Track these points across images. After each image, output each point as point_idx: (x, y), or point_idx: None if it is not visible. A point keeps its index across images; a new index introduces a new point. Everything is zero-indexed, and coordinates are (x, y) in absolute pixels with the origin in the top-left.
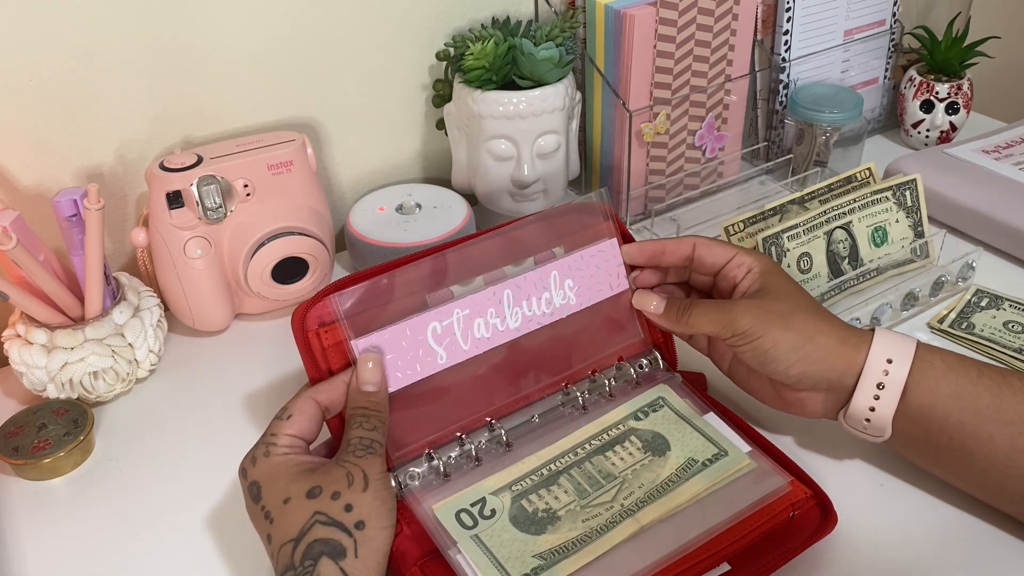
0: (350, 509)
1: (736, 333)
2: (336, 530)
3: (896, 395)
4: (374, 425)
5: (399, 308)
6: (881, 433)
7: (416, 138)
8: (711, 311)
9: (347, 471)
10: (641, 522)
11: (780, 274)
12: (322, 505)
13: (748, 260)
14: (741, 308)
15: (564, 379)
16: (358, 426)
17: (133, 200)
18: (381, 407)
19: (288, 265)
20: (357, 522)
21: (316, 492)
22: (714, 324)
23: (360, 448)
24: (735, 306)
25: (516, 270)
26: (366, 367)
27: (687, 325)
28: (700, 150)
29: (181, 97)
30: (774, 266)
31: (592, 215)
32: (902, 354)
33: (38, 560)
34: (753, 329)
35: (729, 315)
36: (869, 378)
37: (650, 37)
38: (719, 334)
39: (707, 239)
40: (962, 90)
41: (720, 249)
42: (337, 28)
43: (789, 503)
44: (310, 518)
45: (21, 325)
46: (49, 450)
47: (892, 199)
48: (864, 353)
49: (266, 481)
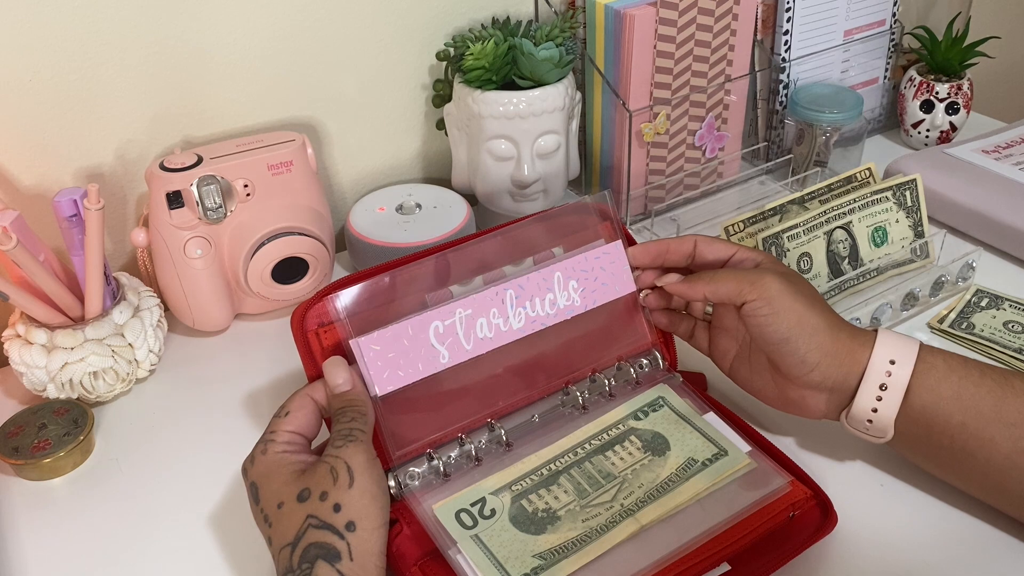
0: (339, 509)
1: (763, 295)
2: (328, 533)
3: (899, 396)
4: (352, 416)
5: (399, 308)
6: (883, 434)
7: (416, 138)
8: (736, 274)
9: (330, 466)
10: (641, 522)
11: (785, 268)
12: (312, 508)
13: (752, 255)
14: (771, 275)
15: (564, 379)
16: (337, 421)
17: (133, 200)
18: (357, 401)
19: (288, 265)
20: (347, 523)
21: (306, 495)
22: (740, 283)
23: (339, 439)
24: (764, 271)
25: (515, 270)
26: (330, 370)
27: (712, 284)
28: (700, 150)
29: (181, 97)
30: (777, 261)
31: (593, 216)
32: (905, 355)
33: (38, 560)
34: (782, 295)
35: (757, 276)
36: (872, 379)
37: (650, 37)
38: (744, 295)
39: (708, 237)
40: (962, 90)
41: (721, 246)
42: (337, 28)
43: (789, 503)
44: (303, 522)
45: (21, 325)
46: (49, 450)
47: (892, 199)
48: (867, 354)
49: (262, 482)
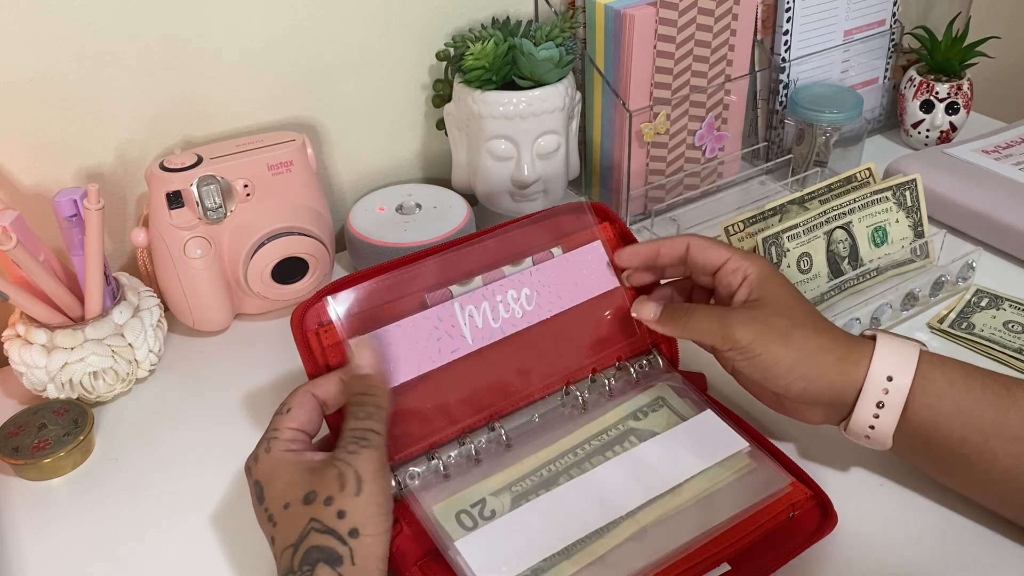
0: (343, 516)
1: (735, 347)
2: (331, 538)
3: (896, 413)
4: (369, 412)
5: (398, 308)
6: (882, 446)
7: (416, 138)
8: (710, 320)
9: (339, 471)
10: (641, 522)
11: (778, 280)
12: (316, 512)
13: (744, 265)
14: (739, 321)
15: (564, 379)
16: (353, 416)
17: (133, 200)
18: (378, 391)
19: (288, 265)
20: (351, 530)
21: (311, 497)
22: (712, 335)
23: (352, 442)
24: (733, 318)
25: (514, 270)
26: (358, 350)
27: (686, 330)
28: (700, 150)
29: (181, 97)
30: (771, 271)
31: (585, 215)
32: (903, 370)
33: (38, 560)
34: (752, 345)
35: (727, 328)
36: (869, 396)
37: (650, 37)
38: (718, 345)
39: (702, 239)
40: (962, 90)
41: (713, 252)
42: (337, 28)
43: (789, 503)
44: (306, 525)
45: (21, 325)
46: (49, 450)
47: (892, 199)
48: (864, 370)
49: (267, 481)
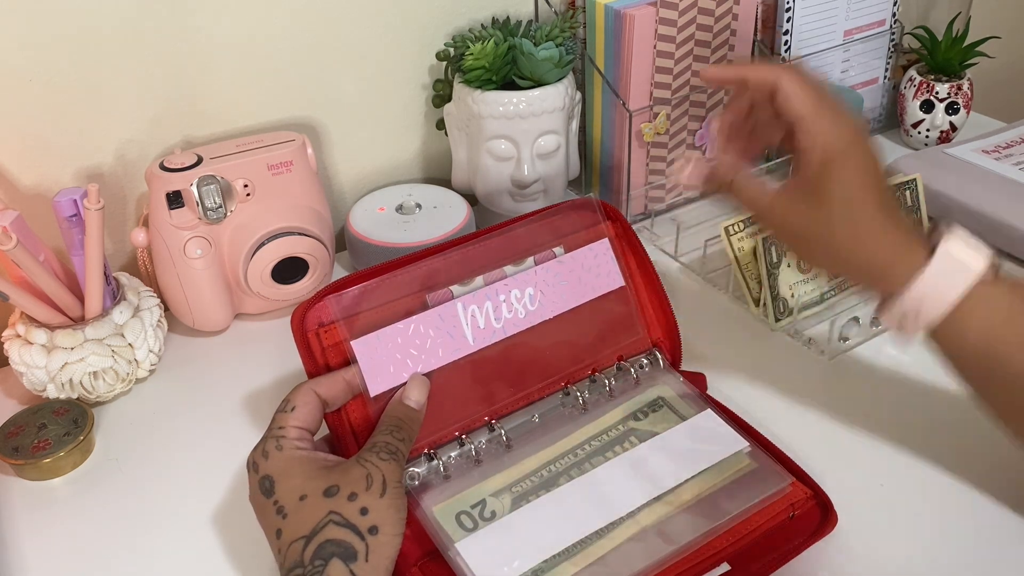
0: (365, 513)
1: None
2: (350, 532)
3: (931, 323)
4: (403, 436)
5: (399, 308)
6: (908, 343)
7: (416, 138)
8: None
9: (367, 472)
10: (642, 523)
11: (852, 168)
12: (338, 505)
13: (819, 140)
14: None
15: (564, 379)
16: (388, 432)
17: (133, 200)
18: (415, 424)
19: (288, 265)
20: (371, 527)
21: (334, 491)
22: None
23: (385, 452)
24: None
25: (516, 270)
26: (415, 384)
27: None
28: (700, 150)
29: (181, 97)
30: (847, 154)
31: (590, 213)
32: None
33: (38, 560)
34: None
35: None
36: (907, 303)
37: (650, 37)
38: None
39: (798, 79)
40: (962, 90)
41: (797, 101)
42: (337, 28)
43: (789, 503)
44: (325, 516)
45: (21, 325)
46: (49, 450)
47: None
48: (920, 259)
49: (280, 476)
